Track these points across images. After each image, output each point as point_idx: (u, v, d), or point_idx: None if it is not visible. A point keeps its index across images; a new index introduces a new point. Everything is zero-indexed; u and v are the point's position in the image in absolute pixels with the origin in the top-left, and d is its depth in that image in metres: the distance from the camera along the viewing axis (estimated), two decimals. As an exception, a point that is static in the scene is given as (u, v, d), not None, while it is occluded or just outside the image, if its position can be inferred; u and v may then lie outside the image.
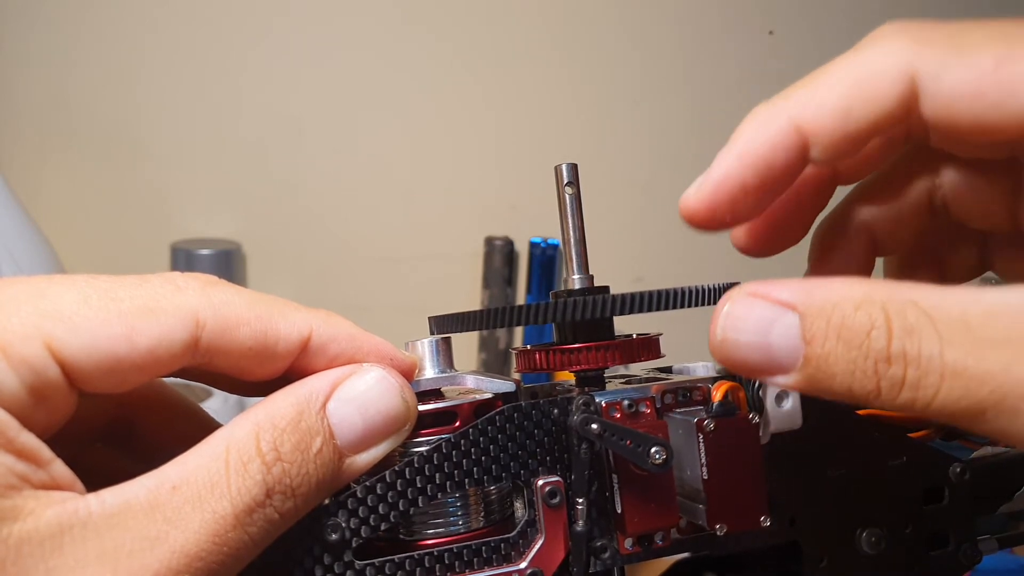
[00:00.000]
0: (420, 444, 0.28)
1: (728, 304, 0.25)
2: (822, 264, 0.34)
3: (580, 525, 0.28)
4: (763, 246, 0.33)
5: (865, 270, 0.34)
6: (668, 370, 0.35)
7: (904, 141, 0.30)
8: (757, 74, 1.37)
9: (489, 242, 1.29)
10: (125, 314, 0.23)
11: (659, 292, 0.29)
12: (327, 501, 0.26)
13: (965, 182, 0.31)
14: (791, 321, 0.24)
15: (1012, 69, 0.23)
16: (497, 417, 0.28)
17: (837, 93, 0.26)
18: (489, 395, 0.30)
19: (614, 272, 0.42)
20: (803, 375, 0.24)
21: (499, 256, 1.29)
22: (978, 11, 1.38)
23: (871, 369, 0.22)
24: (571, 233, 0.32)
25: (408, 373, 0.29)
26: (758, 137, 0.28)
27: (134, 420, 0.31)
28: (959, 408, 0.22)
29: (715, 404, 0.29)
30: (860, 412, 0.33)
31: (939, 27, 0.25)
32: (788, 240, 0.33)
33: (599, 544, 0.29)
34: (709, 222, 0.30)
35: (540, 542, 0.28)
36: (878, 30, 0.26)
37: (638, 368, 0.36)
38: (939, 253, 0.34)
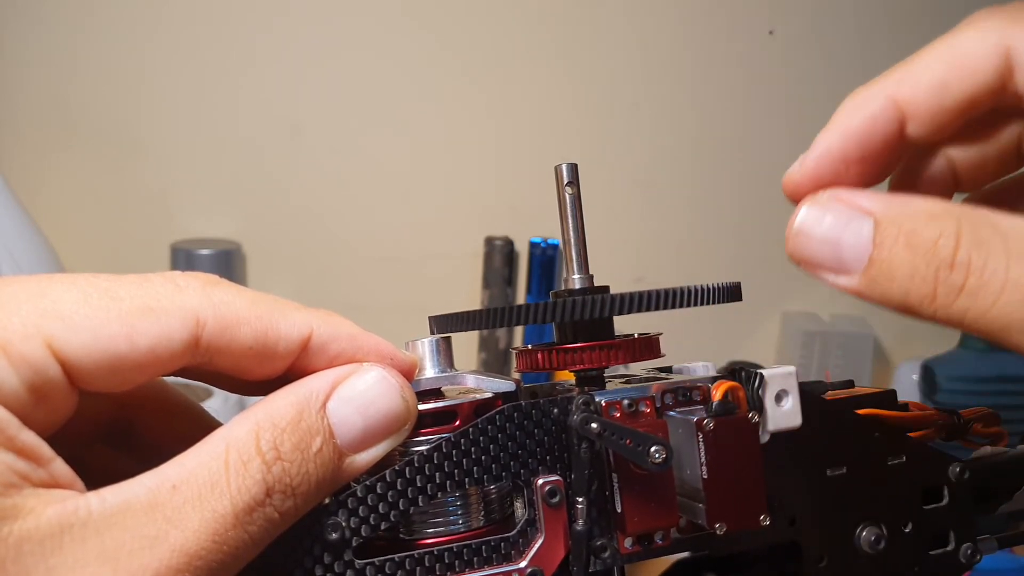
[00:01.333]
0: (420, 443, 0.28)
1: (810, 202, 0.27)
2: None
3: (580, 524, 0.28)
4: None
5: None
6: (668, 370, 0.35)
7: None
8: (757, 74, 1.37)
9: (489, 242, 1.29)
10: (126, 313, 0.23)
11: (659, 292, 0.29)
12: (327, 500, 0.26)
13: None
14: (865, 224, 0.25)
15: None
16: (497, 416, 0.28)
17: (933, 69, 0.27)
18: (489, 394, 0.30)
19: (614, 272, 0.42)
20: (865, 277, 0.25)
21: (499, 256, 1.29)
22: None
23: (931, 275, 0.24)
24: (571, 233, 0.32)
25: (408, 373, 0.29)
26: (857, 113, 0.28)
27: (134, 419, 0.31)
28: (1012, 319, 0.23)
29: (715, 403, 0.29)
30: (860, 412, 0.33)
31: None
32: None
33: (599, 543, 0.29)
34: (815, 186, 0.29)
35: (540, 541, 0.28)
36: (973, 15, 0.27)
37: (638, 368, 0.36)
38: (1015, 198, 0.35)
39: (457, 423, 0.29)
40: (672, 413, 0.30)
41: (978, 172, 0.33)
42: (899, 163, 0.30)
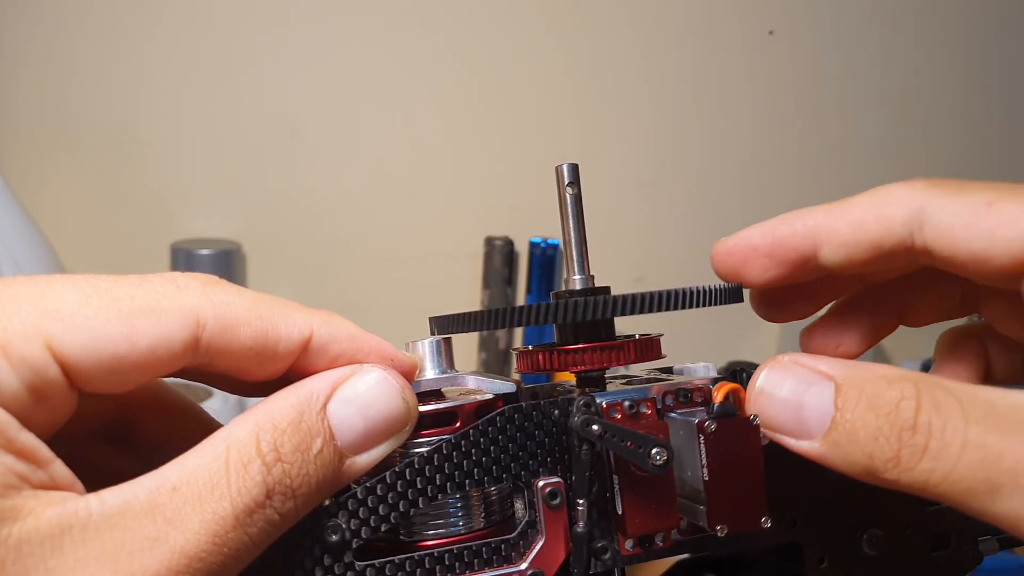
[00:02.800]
0: (421, 445, 0.28)
1: (772, 365, 0.28)
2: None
3: (581, 526, 0.28)
4: (775, 312, 0.37)
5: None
6: (669, 371, 0.35)
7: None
8: (757, 74, 1.37)
9: (489, 242, 1.29)
10: (126, 314, 0.23)
11: (660, 293, 0.29)
12: (327, 502, 0.26)
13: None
14: (826, 388, 0.26)
15: (1002, 207, 0.26)
16: (498, 418, 0.28)
17: (859, 208, 0.30)
18: (490, 396, 0.30)
19: (614, 272, 0.42)
20: (827, 440, 0.26)
21: (499, 256, 1.29)
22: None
23: (895, 436, 0.24)
24: (572, 233, 0.32)
25: (409, 374, 0.29)
26: (785, 222, 0.32)
27: (134, 420, 0.31)
28: (975, 481, 0.23)
29: (716, 405, 0.29)
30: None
31: (950, 180, 0.29)
32: (797, 313, 0.37)
33: (600, 545, 0.29)
34: (727, 260, 0.33)
35: (541, 543, 0.28)
36: (909, 180, 0.30)
37: (639, 369, 0.36)
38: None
39: (458, 424, 0.29)
40: (673, 415, 0.30)
41: (921, 313, 0.35)
42: (806, 278, 0.32)
